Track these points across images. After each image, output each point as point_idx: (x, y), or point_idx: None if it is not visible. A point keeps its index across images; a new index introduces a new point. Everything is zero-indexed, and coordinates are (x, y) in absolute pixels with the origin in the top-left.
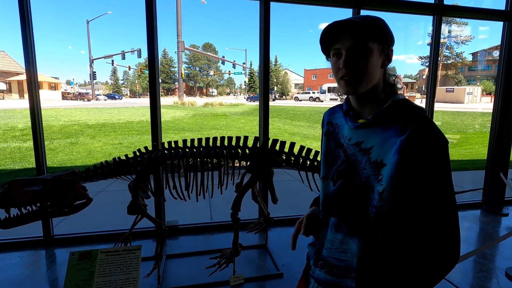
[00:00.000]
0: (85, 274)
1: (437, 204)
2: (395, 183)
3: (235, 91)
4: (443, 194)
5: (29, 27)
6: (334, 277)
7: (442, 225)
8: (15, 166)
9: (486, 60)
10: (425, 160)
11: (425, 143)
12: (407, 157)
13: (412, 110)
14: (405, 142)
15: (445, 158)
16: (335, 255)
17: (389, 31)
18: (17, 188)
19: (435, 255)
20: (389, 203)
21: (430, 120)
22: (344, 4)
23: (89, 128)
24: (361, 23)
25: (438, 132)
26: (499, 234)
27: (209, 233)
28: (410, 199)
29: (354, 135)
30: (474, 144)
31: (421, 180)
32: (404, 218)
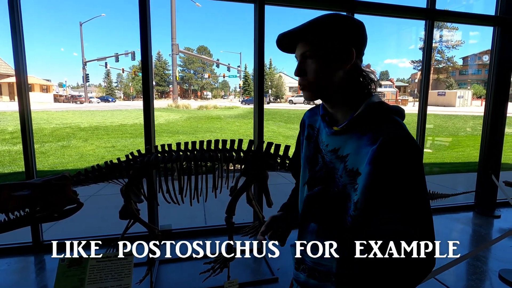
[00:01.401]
0: (75, 281)
1: (410, 214)
2: (368, 193)
3: (229, 93)
4: (415, 205)
5: (19, 29)
6: (317, 280)
7: (416, 234)
8: (4, 170)
9: (477, 65)
10: (396, 170)
11: (395, 153)
12: (378, 168)
13: (386, 115)
14: (376, 153)
15: (416, 167)
16: (315, 260)
17: (345, 29)
18: (5, 193)
19: (411, 263)
20: (363, 213)
21: (402, 128)
22: (337, 8)
23: (81, 131)
24: (301, 31)
25: (410, 141)
26: (492, 236)
27: (203, 237)
28: (382, 209)
29: (331, 141)
30: (466, 147)
31: (393, 191)
32: (377, 227)
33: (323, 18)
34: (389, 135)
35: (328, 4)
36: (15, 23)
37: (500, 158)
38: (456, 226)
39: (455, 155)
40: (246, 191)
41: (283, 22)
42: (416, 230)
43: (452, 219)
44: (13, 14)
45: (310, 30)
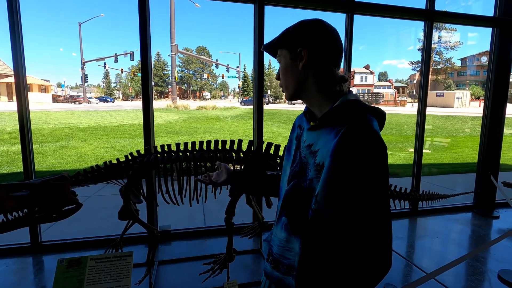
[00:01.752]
0: (74, 282)
1: (364, 210)
2: (326, 186)
3: (228, 94)
4: (370, 201)
5: (18, 29)
6: (280, 273)
7: (368, 231)
8: (3, 170)
9: (475, 66)
10: (352, 163)
11: (352, 146)
12: (336, 161)
13: (358, 112)
14: (335, 145)
15: (374, 162)
16: (281, 253)
17: (301, 35)
18: (3, 194)
19: (365, 261)
20: (321, 206)
21: (367, 123)
22: (337, 9)
23: (80, 131)
24: (275, 40)
25: (370, 135)
26: (491, 237)
27: (202, 238)
28: (338, 202)
29: (308, 137)
30: (464, 148)
31: (349, 184)
32: (334, 222)
33: (290, 28)
34: (350, 129)
35: (327, 5)
36: (14, 23)
37: (499, 159)
38: (455, 227)
39: (454, 156)
40: None
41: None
42: (367, 231)
43: (451, 220)
44: (12, 14)
45: (278, 39)
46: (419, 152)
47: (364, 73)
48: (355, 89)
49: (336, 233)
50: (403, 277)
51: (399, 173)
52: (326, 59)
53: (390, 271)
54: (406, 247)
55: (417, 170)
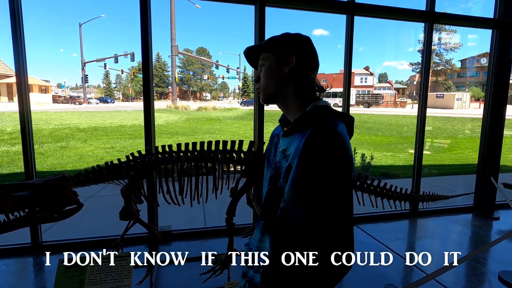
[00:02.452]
0: (74, 282)
1: (325, 212)
2: (291, 185)
3: (228, 95)
4: (330, 201)
5: (20, 29)
6: (252, 271)
7: (328, 235)
8: (3, 170)
9: (475, 67)
10: (313, 164)
11: (314, 147)
12: (301, 161)
13: (325, 116)
14: (301, 147)
15: (333, 164)
16: (256, 252)
17: (289, 41)
18: (4, 194)
19: (326, 265)
20: (288, 205)
21: (332, 126)
22: (338, 10)
23: (80, 132)
24: (259, 45)
25: (333, 138)
26: (491, 238)
27: (203, 238)
28: (301, 202)
29: (282, 142)
30: (464, 149)
31: (311, 184)
32: (299, 223)
33: (277, 36)
34: (314, 132)
35: (327, 6)
36: (16, 24)
37: (499, 160)
38: (455, 228)
39: (454, 157)
40: (247, 192)
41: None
42: (332, 232)
43: (451, 221)
44: (13, 15)
45: (265, 44)
46: (419, 153)
47: (364, 74)
48: (355, 90)
49: (300, 236)
50: (403, 278)
51: (399, 174)
52: (308, 67)
53: (390, 272)
54: (406, 248)
55: (417, 171)
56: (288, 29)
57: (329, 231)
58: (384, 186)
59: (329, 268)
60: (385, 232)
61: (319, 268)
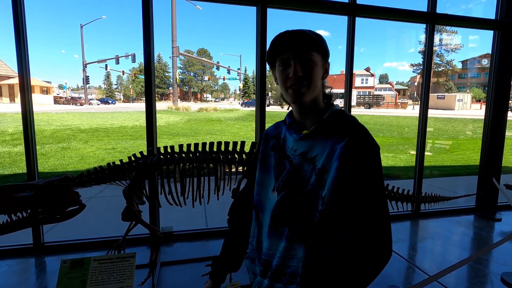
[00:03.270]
0: (76, 283)
1: (368, 208)
2: (334, 187)
3: (229, 96)
4: (377, 200)
5: (23, 31)
6: (282, 283)
7: (373, 228)
8: (5, 171)
9: (476, 68)
10: (360, 164)
11: (361, 148)
12: (345, 162)
13: (348, 119)
14: (344, 148)
15: (378, 163)
16: (283, 262)
17: (327, 47)
18: (6, 194)
19: (364, 259)
20: (329, 207)
21: (364, 127)
22: (339, 11)
23: (81, 133)
24: (309, 35)
25: (372, 140)
26: (493, 239)
27: (204, 239)
28: (347, 202)
29: (299, 146)
30: (466, 150)
31: (358, 184)
32: (340, 223)
33: (321, 37)
34: (355, 133)
35: (329, 7)
36: (18, 26)
37: (501, 161)
38: (457, 229)
39: (455, 158)
40: None
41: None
42: (378, 223)
43: (453, 222)
44: (16, 17)
45: (320, 43)
46: (421, 154)
47: (365, 75)
48: (355, 91)
49: (345, 239)
50: (405, 279)
51: (400, 175)
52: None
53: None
54: (408, 249)
55: (419, 172)
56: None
57: (377, 234)
58: (386, 187)
59: (375, 272)
60: None
61: (365, 272)
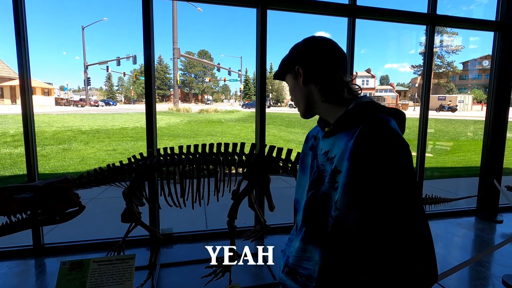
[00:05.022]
0: (76, 284)
1: (390, 217)
2: (345, 191)
3: (230, 97)
4: (396, 206)
5: (23, 32)
6: (298, 284)
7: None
8: (5, 172)
9: (478, 70)
10: (371, 165)
11: (370, 146)
12: (354, 164)
13: (371, 113)
14: (352, 147)
15: (394, 161)
16: (299, 263)
17: (294, 55)
18: (7, 196)
19: (400, 278)
20: (343, 213)
21: (383, 122)
22: (339, 13)
23: (82, 134)
24: (278, 69)
25: (388, 134)
26: (495, 241)
27: (204, 241)
28: (359, 209)
29: (324, 144)
30: (467, 152)
31: (370, 187)
32: (358, 232)
33: (287, 53)
34: (365, 129)
35: (329, 9)
36: (19, 28)
37: (502, 163)
38: (458, 231)
39: (456, 160)
40: (248, 194)
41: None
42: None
43: (454, 224)
44: (17, 18)
45: (279, 68)
46: (421, 155)
47: (366, 76)
48: None
49: (362, 246)
50: None
51: None
52: (322, 70)
53: None
54: None
55: (420, 174)
56: (290, 32)
57: (398, 241)
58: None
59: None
60: None
61: (387, 283)
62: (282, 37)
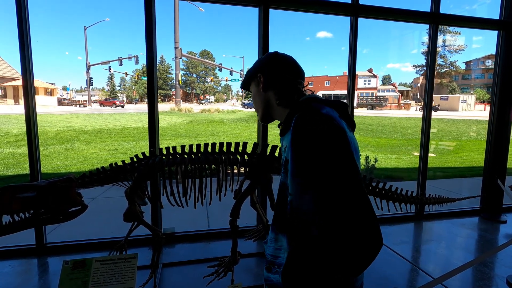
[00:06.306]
0: (78, 283)
1: (331, 195)
2: (291, 176)
3: (232, 97)
4: (328, 183)
5: (27, 33)
6: (271, 273)
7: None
8: (9, 172)
9: (481, 69)
10: (304, 149)
11: (301, 132)
12: (293, 151)
13: (307, 103)
14: (290, 136)
15: (323, 144)
16: (272, 253)
17: (257, 66)
18: (9, 195)
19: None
20: (294, 197)
21: (313, 109)
22: (342, 12)
23: (84, 134)
24: (243, 82)
25: (317, 118)
26: (498, 242)
27: (206, 241)
28: (304, 192)
29: (283, 142)
30: (470, 152)
31: (307, 171)
32: (304, 211)
33: (252, 66)
34: (298, 117)
35: (332, 8)
36: (22, 28)
37: (506, 163)
38: (461, 231)
39: (459, 160)
40: (251, 194)
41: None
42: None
43: (457, 224)
44: (20, 18)
45: (244, 78)
46: (424, 155)
47: (368, 76)
48: (357, 92)
49: (313, 226)
50: (409, 282)
51: (404, 176)
52: (279, 78)
53: (396, 276)
54: (411, 251)
55: (423, 174)
56: (292, 32)
57: (343, 216)
58: (390, 189)
59: (351, 255)
60: (391, 235)
61: (339, 257)
62: (283, 37)
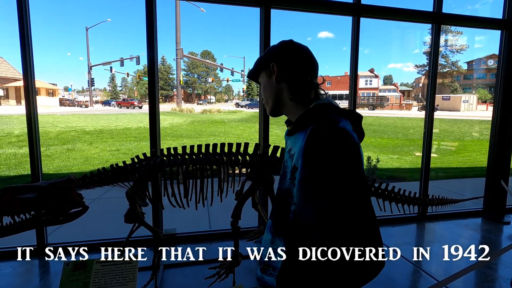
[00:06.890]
0: (79, 285)
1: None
2: (299, 187)
3: (233, 98)
4: (336, 200)
5: (28, 34)
6: (265, 274)
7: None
8: (10, 172)
9: (484, 69)
10: (317, 162)
11: (316, 145)
12: (305, 160)
13: (326, 113)
14: (303, 145)
15: (338, 160)
16: (268, 254)
17: (271, 53)
18: (10, 196)
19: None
20: (299, 207)
21: (330, 120)
22: (343, 12)
23: (86, 135)
24: (251, 71)
25: (335, 133)
26: (502, 243)
27: (208, 241)
28: (311, 203)
29: (288, 142)
30: (472, 152)
31: (318, 183)
32: (308, 223)
33: (263, 54)
34: (314, 128)
35: (333, 8)
36: (23, 29)
37: (509, 163)
38: (464, 233)
39: (462, 160)
40: (252, 195)
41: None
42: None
43: (460, 225)
44: (21, 19)
45: (254, 66)
46: (427, 156)
47: (369, 76)
48: (359, 92)
49: (315, 238)
50: (412, 284)
51: (406, 177)
52: (295, 70)
53: (399, 277)
54: (414, 253)
55: (425, 174)
56: (294, 32)
57: (346, 230)
58: (392, 190)
59: (351, 266)
60: (393, 236)
61: (338, 267)
62: (285, 37)
